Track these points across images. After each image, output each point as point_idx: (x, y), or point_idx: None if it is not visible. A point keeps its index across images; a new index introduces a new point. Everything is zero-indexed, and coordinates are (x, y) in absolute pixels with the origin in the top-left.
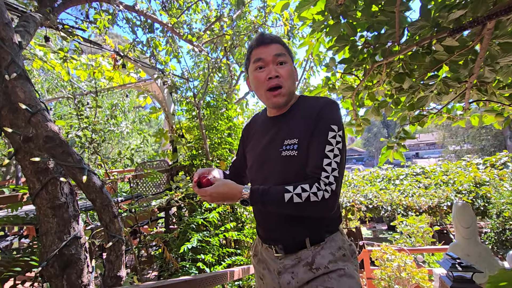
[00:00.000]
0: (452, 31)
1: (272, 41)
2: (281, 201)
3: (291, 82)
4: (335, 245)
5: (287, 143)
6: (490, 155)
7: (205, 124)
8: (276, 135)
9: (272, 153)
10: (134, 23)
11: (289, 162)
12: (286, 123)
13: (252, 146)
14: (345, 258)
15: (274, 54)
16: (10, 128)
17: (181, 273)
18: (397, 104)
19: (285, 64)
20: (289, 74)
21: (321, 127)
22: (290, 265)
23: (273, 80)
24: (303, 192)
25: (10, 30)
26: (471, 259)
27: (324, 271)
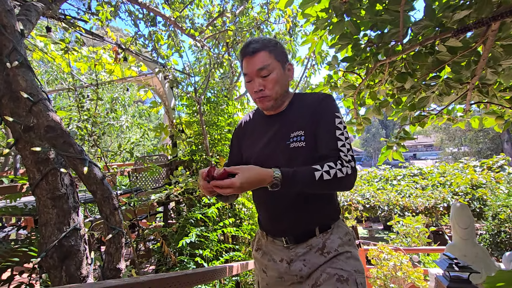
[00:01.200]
0: (456, 32)
1: (256, 51)
2: (312, 179)
3: (278, 88)
4: (342, 230)
5: (293, 135)
6: (487, 158)
7: (205, 120)
8: (279, 130)
9: (277, 147)
10: (137, 16)
11: (298, 153)
12: (288, 118)
13: (251, 144)
14: (350, 243)
15: (257, 68)
16: (10, 117)
17: (179, 267)
18: (398, 104)
19: (269, 75)
20: (275, 83)
21: (328, 116)
22: (302, 253)
23: (258, 93)
24: (331, 169)
25: (12, 17)
26: (468, 259)
27: (334, 254)
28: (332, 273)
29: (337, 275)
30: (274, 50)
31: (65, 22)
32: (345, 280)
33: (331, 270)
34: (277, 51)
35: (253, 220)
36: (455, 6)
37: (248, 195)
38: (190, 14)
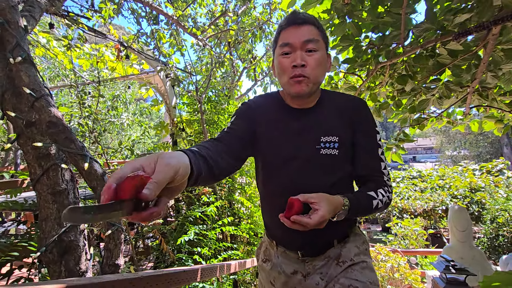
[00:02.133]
0: (457, 35)
1: (304, 22)
2: (370, 208)
3: (319, 72)
4: (360, 239)
5: (325, 140)
6: (486, 161)
7: (206, 119)
8: (306, 130)
9: (305, 150)
10: (139, 13)
11: (331, 162)
12: (319, 117)
13: (269, 135)
14: (367, 252)
15: (304, 39)
16: (13, 112)
17: (177, 265)
18: (398, 106)
19: (315, 52)
20: (318, 63)
21: (369, 131)
22: (319, 266)
23: (297, 69)
24: (383, 198)
25: (16, 13)
26: (465, 262)
27: (349, 263)
28: (347, 284)
29: (351, 286)
30: (322, 30)
31: (68, 19)
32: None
33: (345, 280)
34: (325, 33)
35: (251, 220)
36: (456, 10)
37: (247, 194)
38: (192, 13)
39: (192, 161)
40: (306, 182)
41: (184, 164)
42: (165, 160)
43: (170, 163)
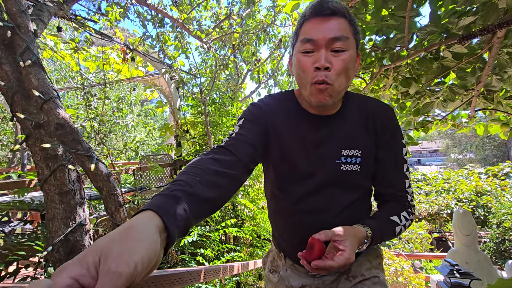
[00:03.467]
0: (461, 38)
1: (333, 13)
2: (393, 235)
3: (344, 79)
4: (373, 253)
5: (346, 154)
6: (493, 165)
7: (210, 121)
8: (326, 142)
9: (325, 164)
10: (145, 17)
11: (352, 180)
12: (341, 127)
13: (284, 146)
14: (379, 267)
15: (331, 36)
16: (22, 114)
17: (180, 265)
18: (402, 109)
19: (343, 52)
20: (345, 67)
21: (396, 142)
22: (330, 281)
23: (320, 72)
24: (407, 222)
25: (26, 18)
26: (470, 266)
27: (360, 279)
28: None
29: None
30: (353, 23)
31: (76, 22)
32: None
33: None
34: (357, 28)
35: (254, 222)
36: (461, 13)
37: (250, 196)
38: (197, 16)
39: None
40: (322, 201)
41: (150, 246)
42: (112, 265)
43: (119, 270)
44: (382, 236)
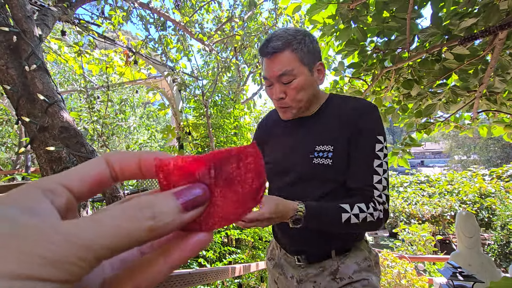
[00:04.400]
0: (463, 40)
1: (276, 51)
2: (338, 221)
3: (302, 96)
4: (361, 255)
5: (319, 149)
6: (497, 166)
7: (212, 123)
8: (303, 139)
9: (299, 159)
10: (148, 20)
11: (323, 173)
12: (317, 125)
13: (273, 147)
14: (370, 269)
15: (277, 75)
16: (27, 117)
17: (182, 267)
18: (404, 110)
19: (292, 82)
20: (298, 90)
21: (367, 138)
22: (313, 274)
23: (278, 101)
24: (361, 213)
25: (32, 23)
26: (473, 269)
27: (348, 281)
28: None
29: None
30: (299, 48)
31: (79, 26)
32: None
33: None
34: (304, 49)
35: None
36: (463, 14)
37: None
38: (199, 19)
39: None
40: (296, 193)
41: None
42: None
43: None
44: (320, 217)
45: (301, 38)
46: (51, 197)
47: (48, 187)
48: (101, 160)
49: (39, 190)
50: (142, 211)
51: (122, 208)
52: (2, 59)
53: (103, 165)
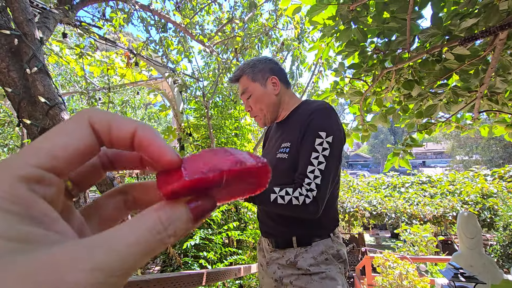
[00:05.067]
0: (464, 40)
1: (235, 78)
2: (268, 200)
3: (261, 106)
4: (318, 249)
5: (282, 146)
6: (499, 166)
7: (213, 124)
8: (278, 139)
9: (272, 156)
10: (149, 22)
11: (281, 164)
12: (285, 128)
13: (266, 149)
14: (328, 262)
15: (240, 94)
16: (28, 119)
17: (183, 269)
18: (405, 111)
19: (250, 97)
20: (255, 102)
21: (309, 134)
22: (275, 257)
23: (250, 113)
24: (286, 195)
25: (33, 26)
26: (474, 270)
27: (305, 272)
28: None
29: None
30: (250, 72)
31: (81, 28)
32: None
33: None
34: (254, 71)
35: (257, 224)
36: (463, 15)
37: None
38: (200, 20)
39: None
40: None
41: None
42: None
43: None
44: (256, 196)
45: (252, 63)
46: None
47: (33, 175)
48: (84, 124)
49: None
50: (167, 230)
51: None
52: (4, 62)
53: (88, 132)
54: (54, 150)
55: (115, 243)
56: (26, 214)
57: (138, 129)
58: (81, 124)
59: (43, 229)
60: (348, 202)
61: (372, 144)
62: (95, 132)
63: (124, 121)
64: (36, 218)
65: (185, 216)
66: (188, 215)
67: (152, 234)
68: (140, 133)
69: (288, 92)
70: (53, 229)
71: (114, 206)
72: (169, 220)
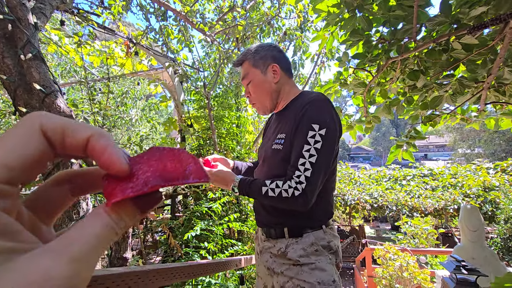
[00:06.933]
0: (472, 29)
1: (238, 63)
2: (260, 193)
3: (260, 93)
4: (309, 241)
5: (278, 137)
6: (501, 160)
7: (214, 115)
8: (275, 130)
9: (268, 147)
10: (148, 10)
11: (276, 155)
12: (282, 119)
13: (264, 139)
14: (318, 253)
15: (241, 78)
16: (24, 108)
17: (184, 259)
18: (409, 102)
19: (250, 82)
20: (255, 89)
21: (302, 126)
22: (268, 247)
23: (249, 99)
24: (276, 188)
25: (26, 10)
26: (476, 262)
27: (295, 262)
28: (296, 284)
29: (299, 287)
30: (251, 57)
31: (78, 16)
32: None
33: (296, 280)
34: (256, 57)
35: None
36: (473, 2)
37: None
38: (200, 8)
39: None
40: (261, 172)
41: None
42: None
43: None
44: (247, 189)
45: (255, 49)
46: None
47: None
48: (36, 132)
49: None
50: (118, 224)
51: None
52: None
53: (40, 140)
54: (9, 161)
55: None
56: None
57: (92, 136)
58: (33, 132)
59: (9, 241)
60: (349, 194)
61: (374, 137)
62: (48, 139)
63: (78, 127)
64: (1, 232)
65: (132, 212)
66: (135, 211)
67: (107, 228)
68: (93, 141)
69: (289, 82)
70: (19, 240)
71: (60, 195)
72: (118, 217)
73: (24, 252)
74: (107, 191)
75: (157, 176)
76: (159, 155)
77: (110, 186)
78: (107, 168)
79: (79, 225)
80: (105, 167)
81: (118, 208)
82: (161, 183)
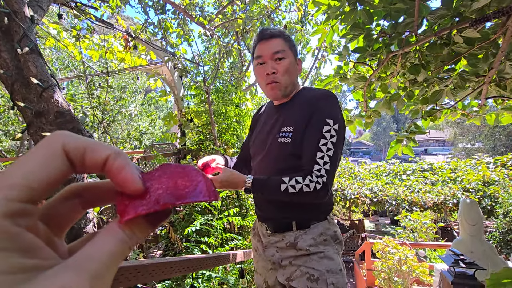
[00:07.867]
0: (474, 22)
1: (272, 36)
2: (278, 191)
3: (288, 76)
4: (317, 231)
5: (283, 130)
6: (501, 154)
7: (214, 109)
8: (276, 123)
9: (271, 139)
10: (146, 3)
11: (283, 149)
12: (286, 111)
13: (257, 132)
14: (326, 243)
15: (273, 51)
16: (22, 102)
17: (185, 253)
18: (410, 97)
19: (283, 59)
20: (286, 69)
21: (316, 120)
22: (274, 241)
23: (269, 76)
24: (297, 184)
25: (22, 3)
26: (475, 256)
27: (305, 252)
28: (304, 271)
29: (308, 274)
30: (289, 40)
31: (76, 9)
32: (316, 280)
33: (304, 268)
34: (292, 42)
35: None
36: None
37: None
38: (200, 1)
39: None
40: (261, 169)
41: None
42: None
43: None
44: (263, 188)
45: (289, 35)
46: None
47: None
48: (59, 152)
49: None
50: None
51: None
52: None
53: (62, 160)
54: (31, 182)
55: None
56: (16, 247)
57: (110, 157)
58: (55, 152)
59: (32, 258)
60: (349, 189)
61: (374, 132)
62: (69, 159)
63: (98, 147)
64: (24, 249)
65: (144, 227)
66: (147, 226)
67: (122, 244)
68: (110, 160)
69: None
70: (40, 257)
71: (71, 208)
72: (131, 233)
73: (45, 269)
74: (120, 208)
75: (168, 194)
76: (170, 172)
77: (123, 203)
78: (122, 187)
79: (94, 241)
80: (120, 186)
81: (131, 224)
82: (172, 201)
